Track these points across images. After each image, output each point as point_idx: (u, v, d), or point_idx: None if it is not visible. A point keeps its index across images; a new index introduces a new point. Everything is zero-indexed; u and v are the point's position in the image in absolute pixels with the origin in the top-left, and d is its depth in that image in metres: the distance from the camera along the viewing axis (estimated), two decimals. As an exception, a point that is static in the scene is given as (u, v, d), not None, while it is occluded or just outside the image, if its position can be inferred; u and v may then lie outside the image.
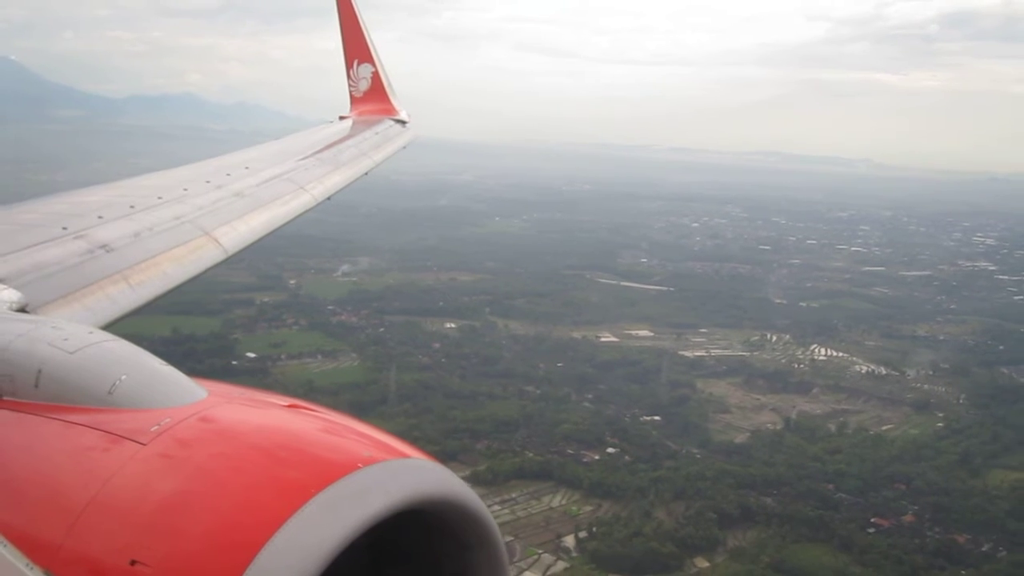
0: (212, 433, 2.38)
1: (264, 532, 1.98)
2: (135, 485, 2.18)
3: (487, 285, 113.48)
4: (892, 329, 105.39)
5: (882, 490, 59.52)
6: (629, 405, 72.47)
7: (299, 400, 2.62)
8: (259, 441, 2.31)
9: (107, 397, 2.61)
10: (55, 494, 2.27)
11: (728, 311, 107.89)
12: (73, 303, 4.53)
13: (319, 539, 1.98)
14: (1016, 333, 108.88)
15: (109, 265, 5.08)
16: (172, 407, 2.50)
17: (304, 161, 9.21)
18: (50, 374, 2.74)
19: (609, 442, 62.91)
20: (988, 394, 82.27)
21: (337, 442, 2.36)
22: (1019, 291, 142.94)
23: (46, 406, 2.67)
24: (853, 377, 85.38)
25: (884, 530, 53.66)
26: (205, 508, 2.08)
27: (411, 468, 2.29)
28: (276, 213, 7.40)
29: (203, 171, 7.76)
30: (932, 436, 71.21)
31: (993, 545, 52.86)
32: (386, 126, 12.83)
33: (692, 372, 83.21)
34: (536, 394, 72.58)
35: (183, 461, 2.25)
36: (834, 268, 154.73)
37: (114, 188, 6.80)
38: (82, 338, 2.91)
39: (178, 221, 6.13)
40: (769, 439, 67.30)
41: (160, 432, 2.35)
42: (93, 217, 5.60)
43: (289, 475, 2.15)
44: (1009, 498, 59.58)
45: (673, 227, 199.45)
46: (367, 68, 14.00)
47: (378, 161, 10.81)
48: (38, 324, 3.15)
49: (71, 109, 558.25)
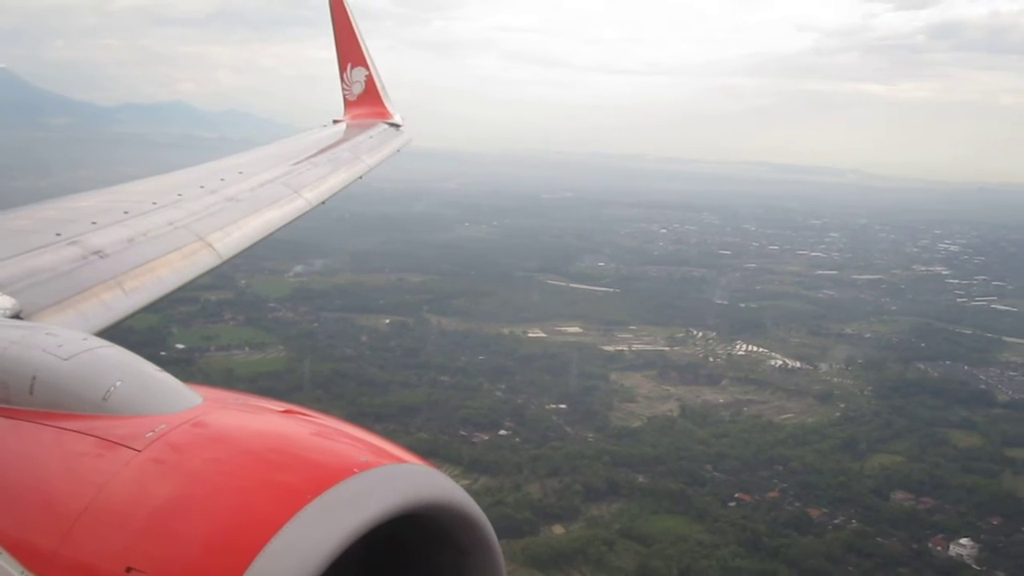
0: (207, 439, 2.38)
1: (260, 538, 1.98)
2: (130, 491, 2.18)
3: (433, 285, 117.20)
4: (821, 328, 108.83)
5: (758, 470, 63.00)
6: (539, 394, 76.04)
7: (295, 406, 2.65)
8: (254, 446, 2.32)
9: (102, 403, 2.61)
10: (50, 501, 2.26)
11: (664, 311, 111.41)
12: (67, 309, 4.51)
13: (315, 544, 1.98)
14: (943, 332, 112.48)
15: (103, 271, 5.07)
16: (167, 413, 2.50)
17: (298, 165, 9.30)
18: (44, 381, 2.74)
19: (504, 425, 66.50)
20: (893, 387, 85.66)
21: (333, 447, 2.37)
22: (964, 294, 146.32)
23: (41, 413, 2.66)
24: (765, 370, 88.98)
25: (744, 504, 57.17)
26: (200, 514, 2.09)
27: (407, 473, 2.30)
28: (270, 218, 7.44)
29: (197, 176, 7.82)
30: (825, 424, 74.65)
31: (846, 518, 56.32)
32: (380, 130, 12.94)
33: (609, 365, 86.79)
34: (448, 383, 76.18)
35: (178, 467, 2.25)
36: (788, 272, 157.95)
37: (108, 193, 6.84)
38: (76, 344, 2.91)
39: (172, 226, 6.18)
40: (662, 424, 70.83)
41: (155, 438, 2.34)
42: (87, 223, 5.61)
43: (285, 480, 2.16)
44: (876, 477, 63.18)
45: (641, 233, 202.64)
46: (360, 71, 13.99)
47: (372, 165, 10.92)
48: (32, 330, 3.15)
49: (62, 117, 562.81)
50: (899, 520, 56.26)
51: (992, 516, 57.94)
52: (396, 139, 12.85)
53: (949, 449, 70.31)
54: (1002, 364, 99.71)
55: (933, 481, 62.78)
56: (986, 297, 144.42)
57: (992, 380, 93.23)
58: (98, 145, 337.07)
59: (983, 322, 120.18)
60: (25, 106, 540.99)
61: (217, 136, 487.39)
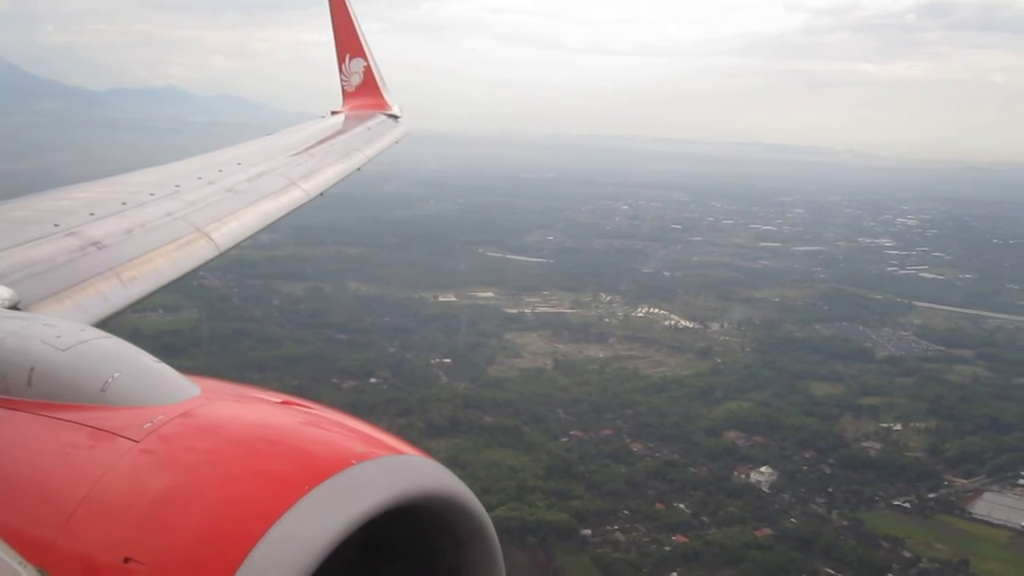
0: (205, 430, 2.40)
1: (258, 529, 2.00)
2: (128, 482, 2.21)
3: (368, 256, 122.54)
4: (732, 293, 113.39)
5: (604, 413, 68.18)
6: (428, 350, 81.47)
7: (293, 396, 2.71)
8: (252, 438, 2.35)
9: (100, 394, 2.63)
10: (48, 492, 2.29)
11: (585, 278, 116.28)
12: (65, 300, 4.53)
13: (313, 535, 2.00)
14: (855, 297, 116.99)
15: (101, 262, 5.10)
16: (165, 404, 2.53)
17: (296, 156, 9.38)
18: (43, 372, 2.77)
19: (378, 375, 71.91)
20: (776, 344, 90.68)
21: (331, 438, 2.40)
22: (898, 264, 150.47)
23: (39, 404, 2.69)
24: (656, 330, 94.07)
25: (576, 439, 62.54)
26: (198, 505, 2.11)
27: (405, 464, 2.32)
28: (268, 208, 7.49)
29: (195, 167, 7.83)
30: (693, 375, 79.70)
31: (666, 452, 61.55)
32: (378, 121, 13.02)
33: (508, 326, 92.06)
34: (343, 340, 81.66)
35: (176, 458, 2.28)
36: (731, 244, 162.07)
37: (106, 184, 6.86)
38: (75, 335, 2.93)
39: (170, 217, 6.19)
40: (531, 375, 76.17)
41: (153, 429, 2.37)
42: (85, 214, 5.63)
43: (282, 471, 2.18)
44: (716, 420, 68.30)
45: (602, 209, 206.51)
46: (359, 63, 14.09)
47: (370, 156, 10.90)
48: (30, 322, 3.19)
49: (53, 101, 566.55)
50: (717, 454, 61.51)
51: (807, 451, 63.18)
52: (394, 130, 13.03)
53: (803, 397, 75.21)
54: (897, 325, 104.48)
55: (770, 423, 67.85)
56: (919, 266, 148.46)
57: (881, 339, 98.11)
58: (87, 130, 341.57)
59: (901, 289, 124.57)
60: (16, 91, 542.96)
61: (209, 121, 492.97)
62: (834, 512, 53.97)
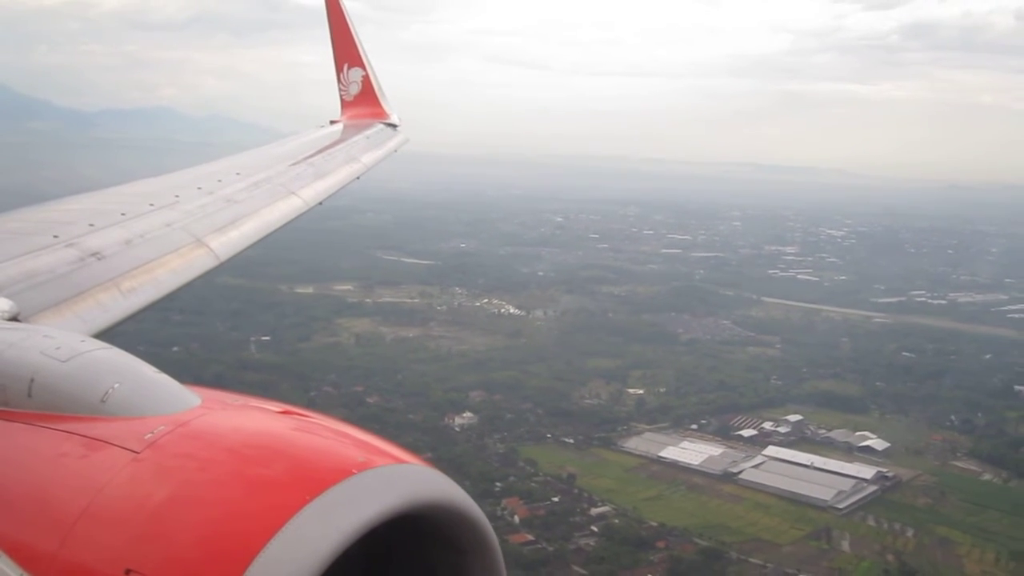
0: (205, 441, 2.39)
1: (259, 539, 2.00)
2: (129, 494, 2.20)
3: (266, 258, 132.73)
4: (584, 289, 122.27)
5: (372, 376, 77.48)
6: (256, 330, 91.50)
7: (293, 406, 2.68)
8: (253, 448, 2.34)
9: (100, 405, 2.63)
10: (49, 503, 2.29)
11: (452, 276, 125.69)
12: (65, 311, 4.54)
13: (314, 546, 2.00)
14: (703, 293, 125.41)
15: (100, 273, 5.09)
16: (165, 415, 2.52)
17: (295, 166, 9.41)
18: (43, 383, 2.77)
19: (183, 345, 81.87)
20: (583, 328, 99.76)
21: (331, 448, 2.39)
22: (782, 268, 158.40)
23: (39, 415, 2.69)
24: (480, 316, 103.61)
25: (324, 393, 72.07)
26: (199, 516, 2.11)
27: (405, 474, 2.31)
28: (267, 219, 7.56)
29: (193, 177, 7.89)
30: (483, 350, 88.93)
31: (397, 403, 70.79)
32: (377, 130, 13.07)
33: (344, 312, 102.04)
34: (177, 321, 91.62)
35: (177, 469, 2.27)
36: (634, 251, 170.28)
37: (105, 195, 6.91)
38: (74, 347, 2.93)
39: (169, 228, 6.22)
40: (331, 348, 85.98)
41: (153, 440, 2.37)
42: (84, 225, 5.64)
43: (283, 482, 2.17)
44: (465, 381, 77.40)
45: (534, 222, 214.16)
46: (357, 72, 14.12)
47: (369, 165, 11.00)
48: (30, 333, 3.19)
49: (46, 121, 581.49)
50: (440, 405, 70.73)
51: (526, 404, 72.25)
52: (393, 139, 13.01)
53: (572, 369, 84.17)
54: (724, 316, 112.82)
55: (516, 385, 76.99)
56: (801, 270, 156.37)
57: (692, 326, 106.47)
58: (80, 150, 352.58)
59: (761, 287, 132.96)
60: (7, 111, 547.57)
61: (200, 141, 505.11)
62: (500, 445, 63.10)
